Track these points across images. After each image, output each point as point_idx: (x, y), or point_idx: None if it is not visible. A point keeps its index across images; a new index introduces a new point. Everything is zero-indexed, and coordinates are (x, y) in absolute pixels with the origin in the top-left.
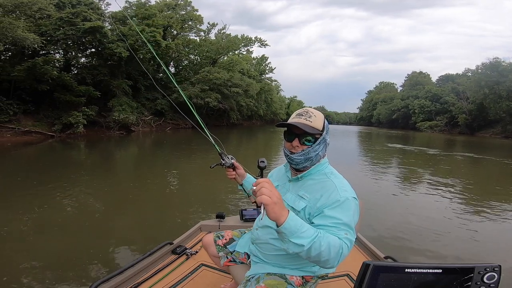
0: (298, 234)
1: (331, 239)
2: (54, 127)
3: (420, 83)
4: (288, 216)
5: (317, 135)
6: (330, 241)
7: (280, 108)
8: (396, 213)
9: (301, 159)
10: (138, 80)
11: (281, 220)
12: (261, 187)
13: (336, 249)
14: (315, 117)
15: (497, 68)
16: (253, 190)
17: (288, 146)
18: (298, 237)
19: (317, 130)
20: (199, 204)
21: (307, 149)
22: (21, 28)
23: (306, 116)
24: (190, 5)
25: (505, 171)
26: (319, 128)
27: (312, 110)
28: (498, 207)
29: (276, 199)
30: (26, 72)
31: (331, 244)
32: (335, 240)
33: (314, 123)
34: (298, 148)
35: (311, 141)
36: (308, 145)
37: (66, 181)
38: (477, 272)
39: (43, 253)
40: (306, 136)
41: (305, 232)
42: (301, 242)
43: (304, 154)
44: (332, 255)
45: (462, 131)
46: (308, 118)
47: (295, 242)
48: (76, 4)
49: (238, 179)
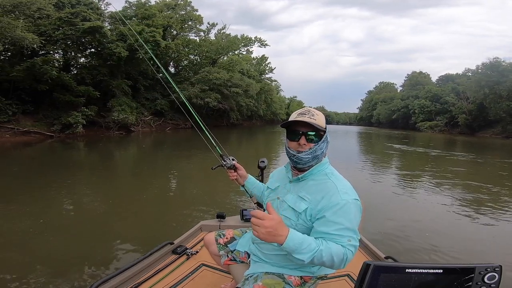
0: (298, 251)
1: (334, 249)
2: (53, 127)
3: (420, 83)
4: (287, 237)
5: (321, 133)
6: (332, 251)
7: (280, 108)
8: (397, 213)
9: (309, 157)
10: (138, 80)
11: (279, 242)
12: (252, 222)
13: (339, 257)
14: (318, 116)
15: (497, 68)
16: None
17: (294, 145)
18: (299, 253)
19: (322, 127)
20: (199, 204)
21: (314, 146)
22: (20, 28)
23: (309, 114)
24: (190, 5)
25: (505, 171)
26: (323, 126)
27: (314, 110)
28: (498, 207)
29: (263, 234)
30: (25, 72)
31: (333, 254)
32: (338, 248)
33: (318, 121)
34: (306, 146)
35: (317, 139)
36: (315, 143)
37: (66, 182)
38: (478, 272)
39: (43, 253)
40: (313, 133)
41: (306, 248)
42: (301, 258)
43: (311, 153)
44: (336, 262)
45: (462, 131)
46: (312, 117)
47: (296, 257)
48: (76, 4)
49: (240, 180)
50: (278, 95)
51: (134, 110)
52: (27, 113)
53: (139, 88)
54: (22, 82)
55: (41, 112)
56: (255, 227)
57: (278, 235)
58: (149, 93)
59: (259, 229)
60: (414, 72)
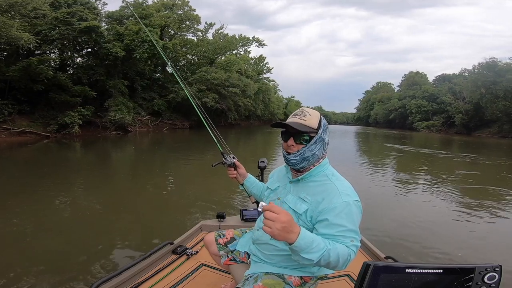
0: (308, 250)
1: (340, 249)
2: (50, 128)
3: (417, 83)
4: (299, 235)
5: (311, 134)
6: (339, 251)
7: (278, 108)
8: (396, 213)
9: (297, 159)
10: (135, 80)
11: (290, 241)
12: (265, 217)
13: (344, 257)
14: (309, 116)
15: (493, 68)
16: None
17: (285, 146)
18: (308, 253)
19: (311, 128)
20: (199, 204)
21: (302, 148)
22: (16, 28)
23: (301, 115)
24: (188, 4)
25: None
26: (313, 126)
27: (308, 109)
28: (498, 207)
29: (278, 230)
30: (21, 72)
31: (340, 254)
32: (343, 249)
33: (308, 122)
34: (294, 148)
35: (306, 140)
36: (303, 144)
37: (63, 182)
38: (478, 272)
39: (43, 254)
40: (300, 135)
41: (315, 248)
42: (311, 257)
43: (300, 154)
44: (340, 263)
45: (459, 131)
46: (303, 117)
47: (305, 257)
48: (72, 3)
49: (239, 178)
50: (276, 95)
51: (131, 110)
52: (23, 113)
53: (136, 88)
54: (18, 82)
55: (37, 112)
56: (269, 222)
57: (292, 232)
58: (146, 93)
59: (274, 224)
60: (411, 72)
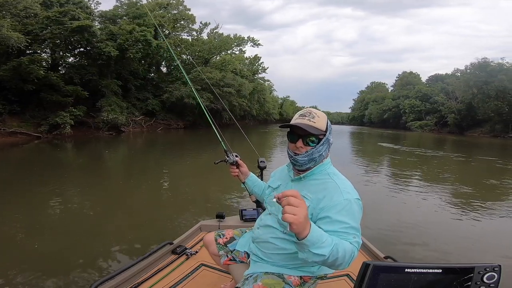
0: (319, 244)
1: (346, 245)
2: (41, 128)
3: (411, 83)
4: (311, 228)
5: (320, 136)
6: (345, 247)
7: (273, 108)
8: (396, 213)
9: (305, 160)
10: (129, 80)
11: (304, 233)
12: (288, 203)
13: (349, 254)
14: (318, 118)
15: (485, 68)
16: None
17: (292, 147)
18: (318, 248)
19: (321, 130)
20: (199, 204)
21: (311, 150)
22: (6, 27)
23: (310, 117)
24: (183, 4)
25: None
26: (322, 128)
27: (315, 111)
28: (497, 206)
29: (303, 218)
30: (11, 71)
31: (346, 250)
32: (348, 245)
33: (317, 124)
34: (302, 149)
35: (314, 141)
36: (312, 146)
37: (57, 183)
38: (477, 272)
39: (42, 255)
40: (309, 137)
41: (325, 242)
42: (322, 252)
43: (308, 155)
44: (346, 259)
45: (452, 131)
46: (312, 119)
47: (316, 252)
48: (64, 3)
49: (241, 176)
50: (271, 95)
51: (124, 110)
52: (13, 114)
53: (130, 88)
54: (9, 82)
55: (28, 113)
56: (293, 209)
57: (308, 223)
58: (140, 93)
59: (299, 211)
60: (404, 72)
